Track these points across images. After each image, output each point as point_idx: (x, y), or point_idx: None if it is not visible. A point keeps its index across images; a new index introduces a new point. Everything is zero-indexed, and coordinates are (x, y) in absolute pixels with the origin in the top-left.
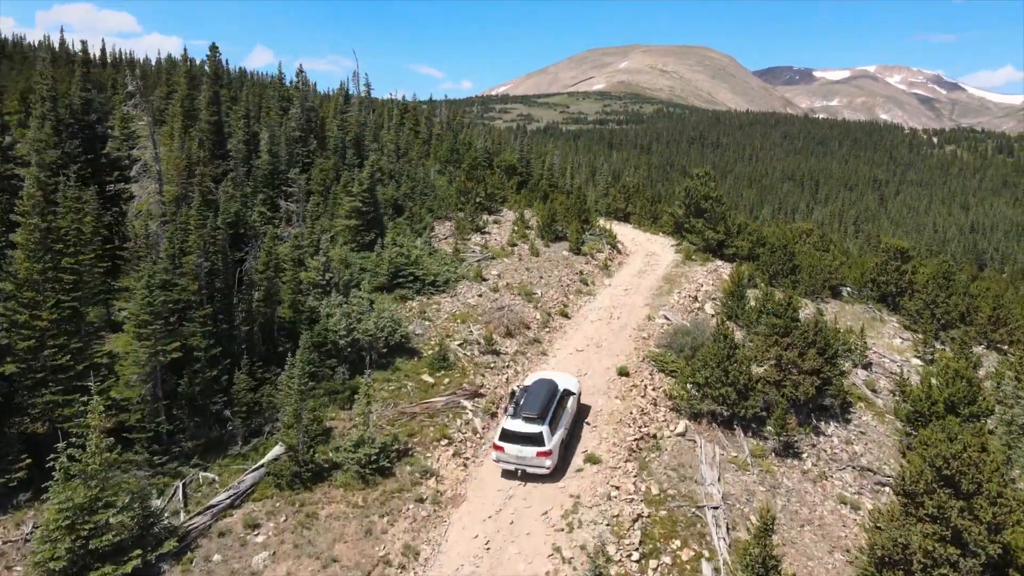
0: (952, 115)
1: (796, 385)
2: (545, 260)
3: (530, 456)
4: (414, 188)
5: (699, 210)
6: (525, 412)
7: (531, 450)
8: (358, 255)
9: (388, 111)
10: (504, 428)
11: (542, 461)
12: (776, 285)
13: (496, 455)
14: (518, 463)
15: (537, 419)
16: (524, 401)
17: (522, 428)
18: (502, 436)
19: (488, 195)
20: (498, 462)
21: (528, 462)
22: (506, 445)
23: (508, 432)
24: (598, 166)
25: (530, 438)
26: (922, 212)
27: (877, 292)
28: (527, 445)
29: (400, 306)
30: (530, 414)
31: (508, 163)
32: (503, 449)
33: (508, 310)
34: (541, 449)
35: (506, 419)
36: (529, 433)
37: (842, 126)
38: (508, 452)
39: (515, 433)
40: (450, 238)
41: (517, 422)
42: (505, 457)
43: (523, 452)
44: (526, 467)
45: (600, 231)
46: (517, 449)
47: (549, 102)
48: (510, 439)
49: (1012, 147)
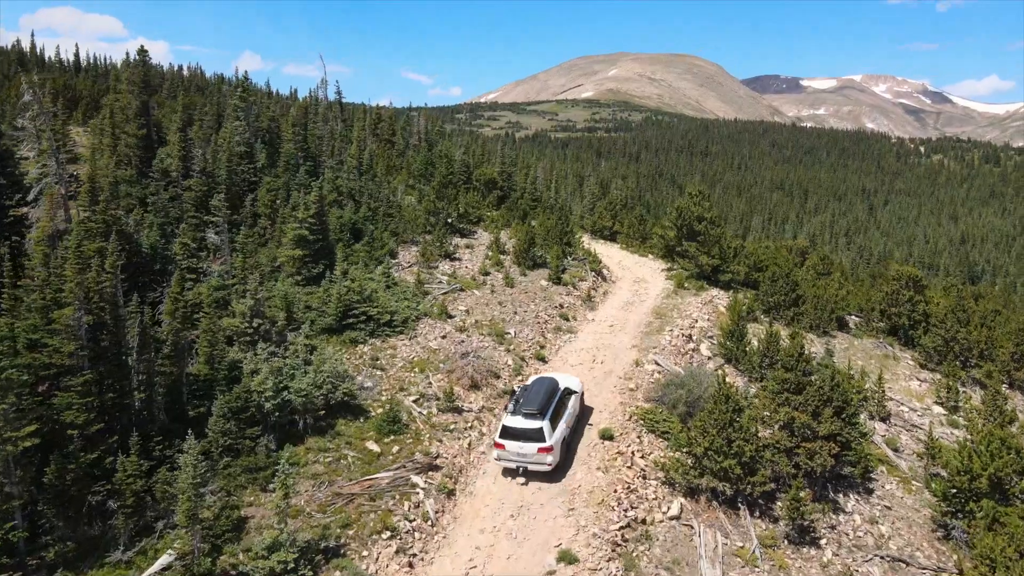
0: (937, 124)
1: (811, 454)
2: (521, 291)
3: (531, 453)
4: (377, 209)
5: (692, 233)
6: (525, 408)
7: (532, 447)
8: (304, 291)
9: (359, 121)
10: (504, 425)
11: (543, 458)
12: (778, 318)
13: (497, 453)
14: (519, 460)
15: (537, 415)
16: (524, 398)
17: (522, 424)
18: (502, 433)
19: (461, 215)
20: (499, 460)
21: (529, 459)
22: (506, 442)
23: (508, 429)
24: (586, 175)
25: (530, 434)
26: (911, 222)
27: (887, 324)
28: (528, 442)
29: (348, 352)
30: (530, 410)
31: (488, 177)
32: (503, 447)
33: (475, 356)
34: (542, 445)
35: (506, 416)
36: (529, 429)
37: (830, 135)
38: (509, 449)
39: (515, 429)
40: (415, 266)
41: (517, 418)
42: (506, 455)
43: (524, 449)
44: (527, 464)
45: (584, 255)
46: (518, 446)
47: (538, 109)
48: (510, 436)
49: (998, 157)
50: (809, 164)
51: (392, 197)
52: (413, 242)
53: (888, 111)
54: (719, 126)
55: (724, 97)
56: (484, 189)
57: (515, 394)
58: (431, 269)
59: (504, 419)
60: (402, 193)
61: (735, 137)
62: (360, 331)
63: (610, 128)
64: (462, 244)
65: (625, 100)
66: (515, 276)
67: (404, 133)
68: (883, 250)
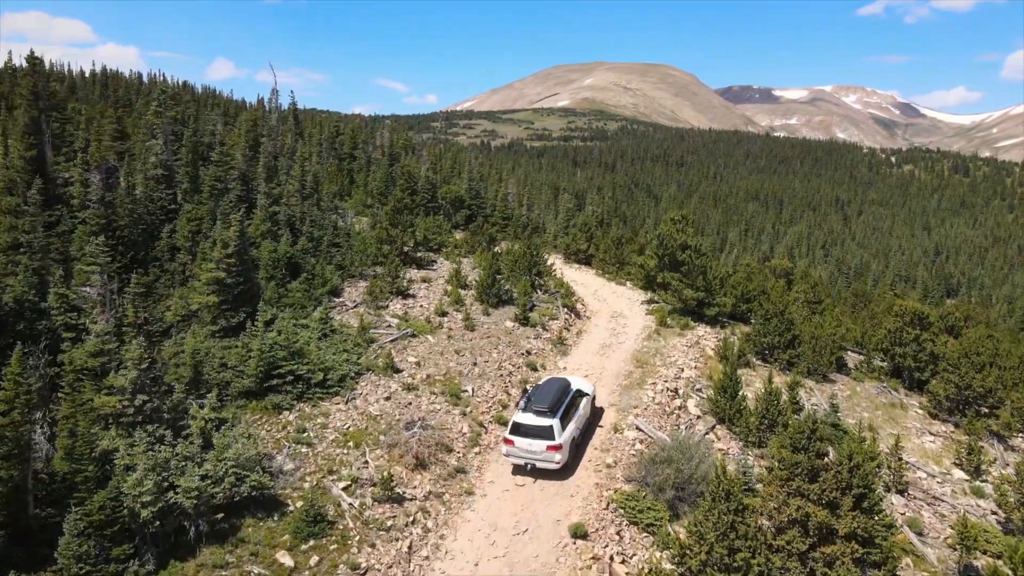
0: (906, 135)
1: (830, 561)
2: (483, 336)
3: (540, 450)
4: (320, 239)
5: (675, 262)
6: (536, 406)
7: (541, 444)
8: (222, 344)
9: (315, 134)
10: (514, 421)
11: (552, 456)
12: (771, 360)
13: (506, 449)
14: (528, 457)
15: (547, 412)
16: (535, 395)
17: (532, 421)
18: (512, 430)
19: (419, 242)
20: (508, 456)
21: (538, 456)
22: (516, 439)
23: (518, 425)
24: (561, 186)
25: (540, 431)
26: (886, 233)
27: (890, 363)
28: (537, 439)
29: (270, 422)
30: (540, 407)
31: (454, 195)
32: (513, 443)
33: (422, 425)
34: (551, 443)
35: (517, 412)
36: (539, 426)
37: (803, 145)
38: (518, 446)
39: (525, 426)
40: (361, 306)
41: (527, 415)
42: (515, 451)
43: (533, 446)
44: (536, 461)
45: (556, 287)
46: (527, 443)
47: (514, 118)
48: (520, 432)
49: (967, 167)
50: (783, 174)
51: (341, 223)
52: (363, 276)
53: (858, 121)
54: (694, 136)
55: (699, 106)
56: (450, 208)
57: (526, 392)
58: (380, 310)
59: (515, 415)
60: (353, 218)
61: (710, 147)
62: (286, 394)
63: (586, 137)
64: (418, 278)
65: (601, 109)
66: (477, 316)
67: (366, 147)
68: (860, 263)
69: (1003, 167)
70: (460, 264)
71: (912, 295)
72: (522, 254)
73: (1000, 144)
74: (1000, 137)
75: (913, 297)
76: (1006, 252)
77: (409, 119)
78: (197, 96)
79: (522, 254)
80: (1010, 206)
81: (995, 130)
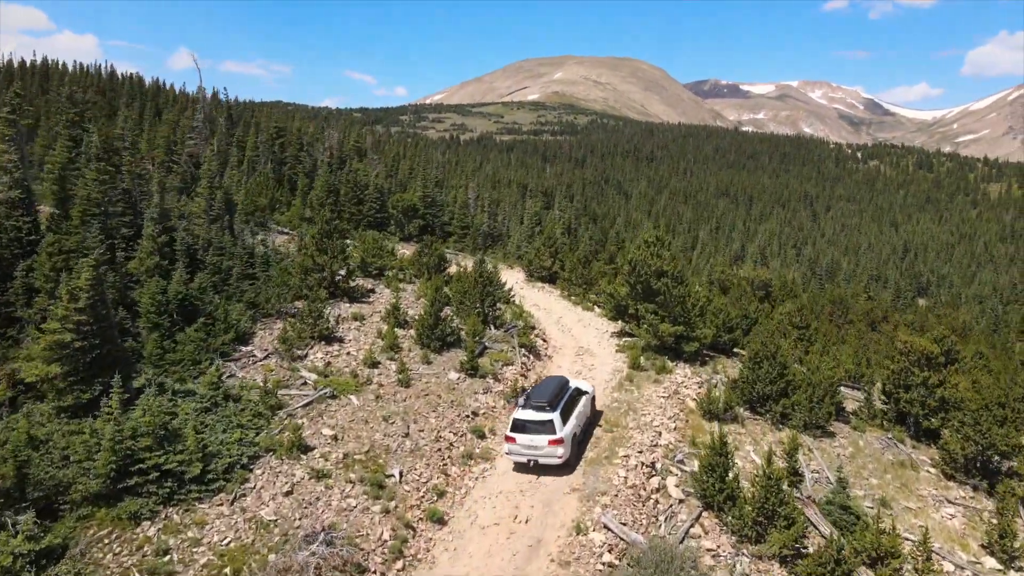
0: (870, 129)
1: None
2: (419, 393)
3: (542, 445)
4: (230, 270)
5: (649, 291)
6: (535, 401)
7: (543, 438)
8: (64, 431)
9: (251, 136)
10: (515, 418)
11: (554, 450)
12: (763, 413)
13: (508, 447)
14: (530, 453)
15: (547, 407)
16: (534, 392)
17: (532, 416)
18: (513, 427)
19: (353, 270)
20: (509, 455)
21: (540, 452)
22: (517, 435)
23: (519, 421)
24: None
25: (541, 425)
26: (854, 230)
27: (893, 407)
28: (538, 433)
29: (121, 539)
30: (540, 402)
31: (407, 204)
32: (514, 440)
33: (327, 539)
34: (553, 437)
35: (516, 410)
36: (540, 420)
37: (771, 140)
38: (519, 442)
39: (525, 421)
40: (273, 357)
41: (527, 411)
42: (516, 448)
43: (534, 441)
44: (538, 457)
45: (513, 319)
46: (528, 439)
47: (484, 111)
48: (521, 428)
49: (931, 163)
50: (752, 169)
51: (262, 247)
52: (281, 314)
53: (824, 116)
54: (664, 130)
55: (668, 101)
56: (402, 218)
57: (524, 392)
58: (296, 361)
59: (515, 413)
60: (287, 236)
61: (680, 142)
62: (148, 497)
63: (556, 131)
64: (349, 314)
65: (571, 103)
66: (415, 366)
67: (312, 148)
68: (831, 261)
69: (966, 163)
70: (401, 294)
71: (884, 295)
72: (472, 283)
73: (960, 139)
74: (960, 132)
75: (885, 298)
76: (972, 249)
77: (378, 112)
78: (123, 90)
79: (472, 283)
80: (973, 202)
81: (955, 125)
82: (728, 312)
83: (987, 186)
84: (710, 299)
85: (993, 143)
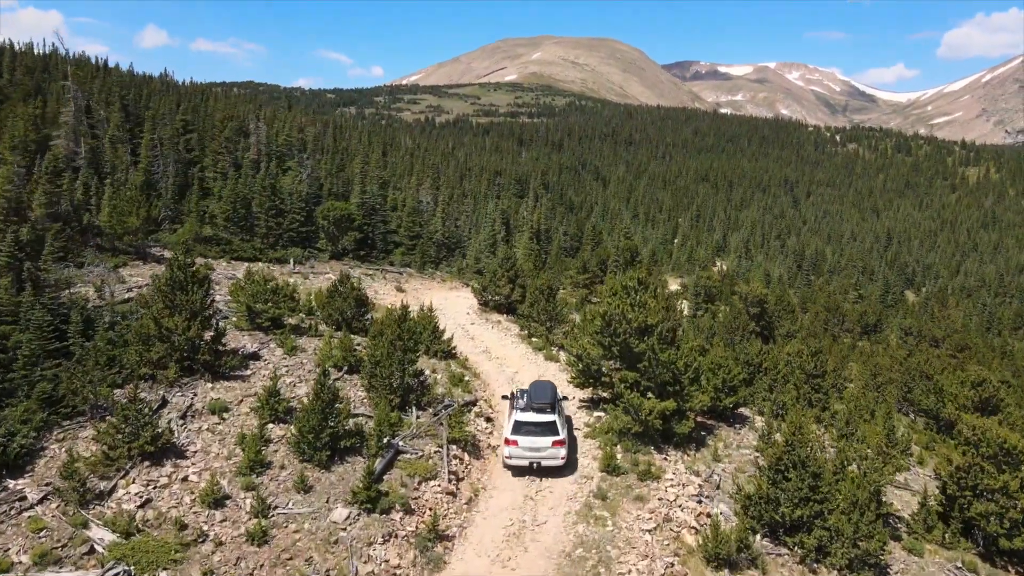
0: (846, 112)
1: None
2: (277, 558)
3: (545, 446)
4: (29, 346)
5: (628, 354)
6: (537, 402)
7: (546, 440)
8: None
9: (147, 126)
10: (517, 420)
11: (557, 451)
12: (790, 545)
13: (508, 451)
14: (532, 456)
15: (549, 409)
16: (532, 394)
17: (535, 418)
18: (514, 429)
19: (223, 330)
20: (510, 459)
21: (543, 453)
22: (520, 438)
23: (521, 423)
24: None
25: (545, 427)
26: (836, 216)
27: (958, 517)
28: (542, 435)
29: None
30: (541, 403)
31: (340, 213)
32: (516, 443)
33: None
34: (557, 438)
35: (516, 413)
36: (543, 422)
37: (750, 123)
38: (522, 445)
39: (529, 423)
40: (52, 499)
41: (528, 413)
42: (518, 452)
43: (537, 443)
44: (541, 459)
45: (447, 391)
46: (531, 441)
47: (460, 93)
48: (523, 431)
49: (910, 146)
50: (732, 153)
51: (101, 295)
52: (98, 411)
53: (801, 98)
54: (643, 112)
55: (646, 82)
56: (335, 230)
57: (514, 396)
58: (90, 506)
59: (515, 415)
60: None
61: (659, 124)
62: None
63: (533, 113)
64: (208, 403)
65: (549, 84)
66: (284, 498)
67: (233, 144)
68: (816, 253)
69: (943, 147)
70: (296, 359)
71: (872, 289)
72: (387, 348)
73: (935, 121)
74: (935, 114)
75: (874, 293)
76: (955, 237)
77: (352, 93)
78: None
79: (387, 348)
80: (952, 186)
81: (930, 107)
82: (729, 368)
83: (965, 170)
84: (705, 349)
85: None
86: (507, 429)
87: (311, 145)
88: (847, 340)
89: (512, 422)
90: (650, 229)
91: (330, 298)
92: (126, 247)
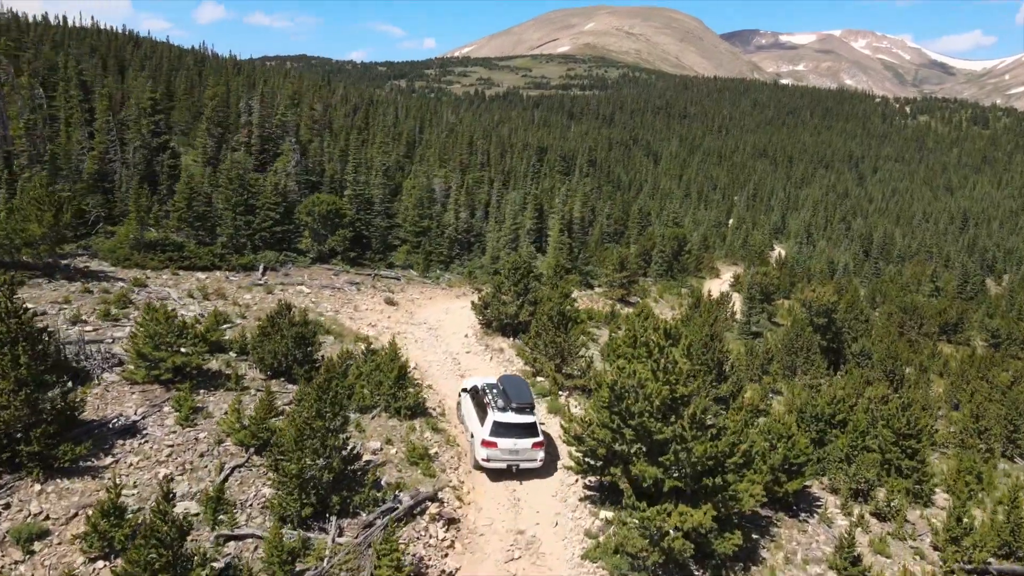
0: (915, 81)
1: None
2: None
3: (525, 448)
4: None
5: (647, 438)
6: (517, 402)
7: (526, 442)
8: None
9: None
10: (496, 421)
11: (536, 453)
12: None
13: (487, 453)
14: (512, 459)
15: (528, 409)
16: (511, 394)
17: (516, 419)
18: (494, 431)
19: (78, 401)
20: (487, 461)
21: (523, 456)
22: (499, 440)
23: (501, 424)
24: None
25: (525, 428)
26: (905, 195)
27: None
28: (522, 437)
29: None
30: (522, 404)
31: (328, 208)
32: (495, 445)
33: None
34: (537, 440)
35: (495, 413)
36: (524, 423)
37: (812, 94)
38: (501, 447)
39: (509, 424)
40: None
41: (508, 414)
42: (497, 454)
43: (518, 445)
44: (520, 462)
45: (395, 485)
46: (511, 443)
47: (511, 65)
48: (502, 432)
49: (987, 118)
50: (792, 126)
51: None
52: None
53: (867, 67)
54: (699, 84)
55: (704, 53)
56: (320, 228)
57: (482, 391)
58: None
59: (493, 415)
60: None
61: (715, 96)
62: None
63: (585, 86)
64: (9, 531)
65: (602, 56)
66: None
67: (223, 128)
68: (884, 236)
69: None
70: (191, 435)
71: (949, 278)
72: (300, 429)
73: (1012, 91)
74: (1013, 84)
75: (950, 281)
76: None
77: (403, 66)
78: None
79: (300, 429)
80: None
81: (1007, 76)
82: (794, 440)
83: None
84: (761, 411)
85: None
86: (484, 430)
87: (317, 125)
88: (926, 347)
89: (491, 423)
90: (702, 210)
91: (262, 335)
92: (30, 261)
